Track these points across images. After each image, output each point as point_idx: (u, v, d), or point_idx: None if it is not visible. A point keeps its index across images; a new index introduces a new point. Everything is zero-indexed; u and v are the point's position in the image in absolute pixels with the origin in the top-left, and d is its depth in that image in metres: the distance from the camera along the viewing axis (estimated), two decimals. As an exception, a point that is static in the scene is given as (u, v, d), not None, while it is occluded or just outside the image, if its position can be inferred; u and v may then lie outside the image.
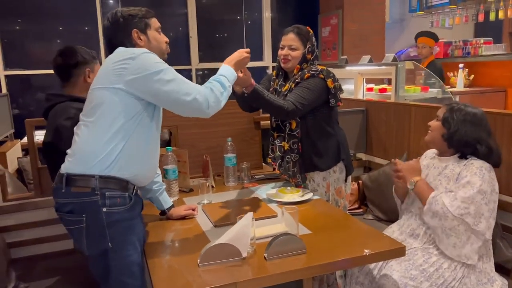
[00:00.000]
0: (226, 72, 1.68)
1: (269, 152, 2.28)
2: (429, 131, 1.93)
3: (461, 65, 4.91)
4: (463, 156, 1.85)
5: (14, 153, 3.17)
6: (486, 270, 1.82)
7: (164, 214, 1.90)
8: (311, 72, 2.10)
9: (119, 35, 1.60)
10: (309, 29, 2.20)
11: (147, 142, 1.57)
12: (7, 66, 4.94)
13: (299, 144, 2.13)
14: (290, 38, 2.14)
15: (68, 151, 1.56)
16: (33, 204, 2.31)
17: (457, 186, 1.78)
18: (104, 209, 1.47)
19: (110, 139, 1.47)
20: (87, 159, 1.47)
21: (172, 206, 1.91)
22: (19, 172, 3.10)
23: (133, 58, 1.47)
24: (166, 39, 1.70)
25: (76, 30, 5.27)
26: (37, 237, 2.33)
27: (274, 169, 2.38)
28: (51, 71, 1.96)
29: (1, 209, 2.25)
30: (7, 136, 3.45)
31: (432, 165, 1.98)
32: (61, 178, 1.50)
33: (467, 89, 4.88)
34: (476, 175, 1.75)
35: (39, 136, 3.91)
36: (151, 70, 1.47)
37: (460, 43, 5.27)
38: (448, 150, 1.89)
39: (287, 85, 2.17)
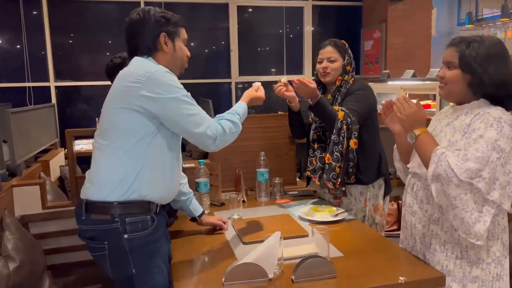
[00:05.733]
0: (241, 110, 1.68)
1: (308, 165, 2.20)
2: (443, 84, 1.50)
3: (513, 81, 4.63)
4: (494, 102, 1.44)
5: (58, 161, 3.29)
6: (492, 250, 1.46)
7: (195, 220, 1.86)
8: (357, 85, 2.11)
9: (146, 35, 1.52)
10: (345, 42, 2.20)
11: (165, 162, 1.52)
12: (57, 77, 5.20)
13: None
14: (328, 51, 2.14)
15: (87, 176, 1.52)
16: (71, 212, 2.32)
17: (467, 142, 1.38)
18: (125, 236, 1.43)
19: (126, 163, 1.43)
20: (105, 186, 1.43)
21: (203, 212, 1.87)
22: (61, 180, 3.22)
23: (149, 76, 1.41)
24: (189, 54, 1.64)
25: (123, 43, 5.48)
26: (72, 244, 2.37)
27: (308, 183, 2.33)
28: (99, 83, 2.07)
29: (40, 216, 2.32)
30: (52, 145, 3.59)
31: (445, 116, 1.59)
32: (81, 204, 1.47)
33: (520, 106, 4.59)
34: (493, 127, 1.35)
35: (83, 145, 4.08)
36: (167, 94, 1.43)
37: (513, 58, 4.99)
38: (472, 98, 1.47)
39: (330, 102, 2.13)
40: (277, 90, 2.05)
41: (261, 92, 1.82)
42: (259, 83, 1.85)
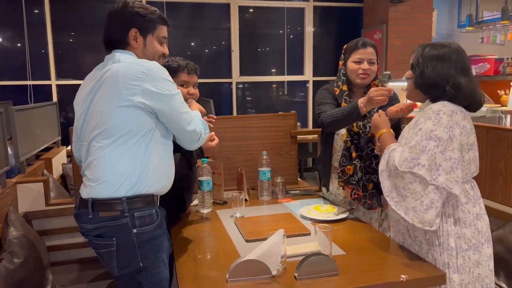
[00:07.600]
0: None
1: (340, 174, 2.06)
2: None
3: (513, 83, 4.66)
4: (434, 100, 1.58)
5: (60, 159, 3.30)
6: (467, 236, 1.54)
7: None
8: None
9: (118, 27, 1.52)
10: None
11: (165, 153, 1.55)
12: (58, 76, 5.21)
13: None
14: (370, 52, 2.05)
15: (89, 176, 1.49)
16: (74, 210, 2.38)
17: (411, 136, 1.54)
18: (134, 230, 1.45)
19: (132, 158, 1.45)
20: (112, 183, 1.44)
21: None
22: (63, 177, 3.23)
23: (148, 72, 1.43)
24: (164, 52, 1.62)
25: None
26: (75, 242, 2.39)
27: (326, 189, 2.24)
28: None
29: (43, 213, 2.33)
30: (54, 143, 3.60)
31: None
32: (86, 203, 1.46)
33: (520, 108, 4.61)
34: (431, 119, 1.50)
35: (84, 143, 4.08)
36: (168, 91, 1.46)
37: (512, 60, 5.01)
38: (424, 97, 1.63)
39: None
40: (382, 97, 1.81)
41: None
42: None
